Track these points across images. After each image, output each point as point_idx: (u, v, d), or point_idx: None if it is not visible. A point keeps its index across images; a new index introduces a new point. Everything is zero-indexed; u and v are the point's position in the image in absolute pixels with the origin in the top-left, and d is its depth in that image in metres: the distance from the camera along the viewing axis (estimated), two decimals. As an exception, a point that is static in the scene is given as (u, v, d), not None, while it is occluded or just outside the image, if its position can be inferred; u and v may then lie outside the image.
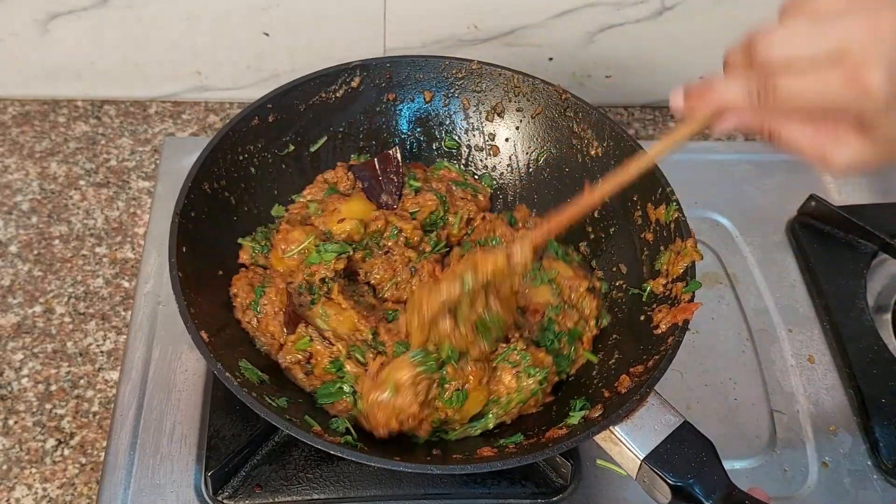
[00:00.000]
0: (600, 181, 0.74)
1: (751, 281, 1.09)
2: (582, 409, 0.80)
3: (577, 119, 0.98)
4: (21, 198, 1.14)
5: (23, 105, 1.26)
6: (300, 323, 0.86)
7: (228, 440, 0.85)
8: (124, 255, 1.09)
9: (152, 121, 1.26)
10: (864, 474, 0.93)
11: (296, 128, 0.98)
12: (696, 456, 0.72)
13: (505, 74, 1.01)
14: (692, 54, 1.27)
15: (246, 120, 0.93)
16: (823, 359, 1.02)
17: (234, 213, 0.93)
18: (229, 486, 0.85)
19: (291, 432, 0.71)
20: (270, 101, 0.95)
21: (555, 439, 0.76)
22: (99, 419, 0.93)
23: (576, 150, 0.99)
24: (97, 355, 0.99)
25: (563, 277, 0.93)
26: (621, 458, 0.74)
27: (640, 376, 0.78)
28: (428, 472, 0.75)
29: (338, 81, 0.99)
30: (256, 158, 0.95)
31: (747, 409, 0.97)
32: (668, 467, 0.71)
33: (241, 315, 0.87)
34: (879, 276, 1.12)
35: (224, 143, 0.91)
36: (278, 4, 1.16)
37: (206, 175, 0.89)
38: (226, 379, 0.73)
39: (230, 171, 0.92)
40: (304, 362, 0.85)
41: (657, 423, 0.73)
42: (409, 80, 1.01)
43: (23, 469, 0.89)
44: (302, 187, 1.00)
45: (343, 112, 1.01)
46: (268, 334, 0.87)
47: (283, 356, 0.85)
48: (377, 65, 1.00)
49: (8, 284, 1.05)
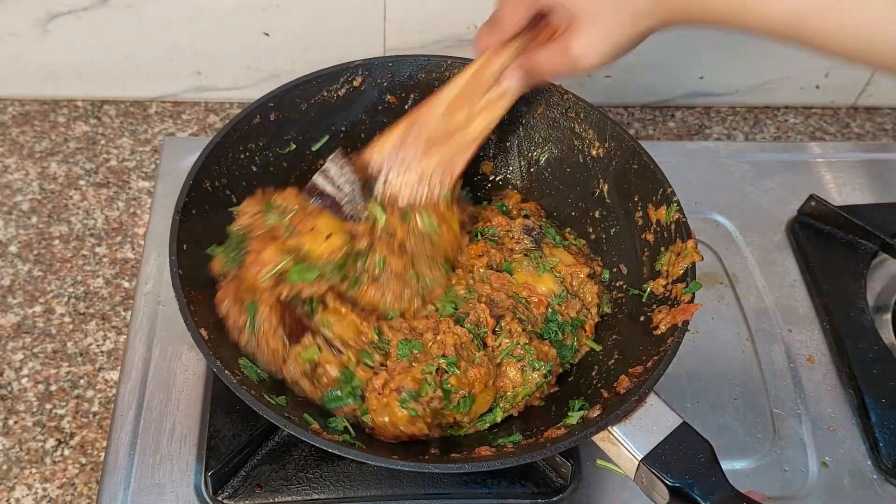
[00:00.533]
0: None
1: (751, 281, 1.09)
2: (581, 409, 0.80)
3: (578, 119, 0.98)
4: (21, 198, 1.14)
5: (23, 105, 1.26)
6: (305, 333, 0.83)
7: (228, 440, 0.85)
8: (124, 255, 1.09)
9: (152, 121, 1.26)
10: (864, 474, 0.93)
11: (298, 127, 0.98)
12: (694, 457, 0.72)
13: None
14: (692, 54, 1.27)
15: (248, 118, 0.93)
16: (823, 359, 1.02)
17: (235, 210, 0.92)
18: (229, 485, 0.85)
19: (290, 430, 0.71)
20: (272, 100, 0.94)
21: (553, 439, 0.76)
22: (99, 419, 0.93)
23: (577, 151, 0.99)
24: (97, 355, 0.99)
25: (564, 265, 0.93)
26: (619, 458, 0.74)
27: (639, 377, 0.78)
28: (426, 470, 0.75)
29: (340, 80, 0.99)
30: (258, 157, 0.95)
31: (747, 409, 0.97)
32: (667, 468, 0.71)
33: (238, 337, 0.83)
34: (879, 276, 1.12)
35: (226, 141, 0.91)
36: (278, 4, 1.16)
37: (206, 173, 0.88)
38: (224, 376, 0.73)
39: (231, 169, 0.92)
40: (309, 372, 0.83)
41: (656, 423, 0.73)
42: (410, 79, 1.01)
43: (23, 469, 0.89)
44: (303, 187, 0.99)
45: (345, 111, 1.01)
46: (269, 351, 0.83)
47: (288, 369, 0.82)
48: (379, 64, 1.00)
49: (8, 284, 1.05)
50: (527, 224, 0.97)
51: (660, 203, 0.89)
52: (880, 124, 1.36)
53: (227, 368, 0.74)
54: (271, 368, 0.83)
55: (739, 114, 1.36)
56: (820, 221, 1.13)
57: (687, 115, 1.35)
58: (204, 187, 0.88)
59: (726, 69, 1.30)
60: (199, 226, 0.86)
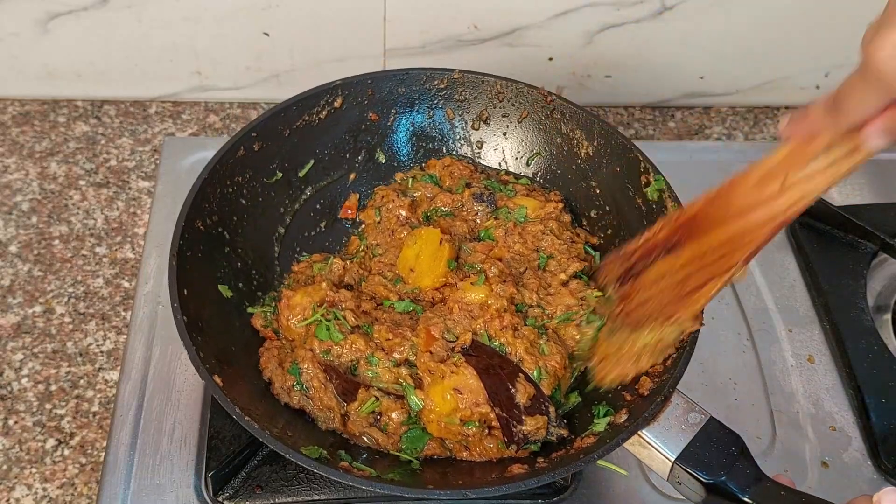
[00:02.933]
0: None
1: (751, 281, 1.09)
2: (606, 415, 0.78)
3: (564, 120, 0.98)
4: (21, 198, 1.14)
5: (23, 105, 1.26)
6: (358, 388, 0.82)
7: (229, 441, 0.85)
8: (124, 255, 1.09)
9: (152, 121, 1.26)
10: (864, 474, 0.93)
11: (282, 154, 0.96)
12: (726, 451, 0.71)
13: (487, 81, 1.00)
14: (692, 54, 1.27)
15: (232, 151, 0.91)
16: (823, 359, 1.02)
17: (228, 246, 0.91)
18: (230, 486, 0.85)
19: (323, 472, 0.70)
20: (254, 130, 0.93)
21: (585, 449, 0.74)
22: (99, 419, 0.93)
23: (566, 151, 0.99)
24: (97, 355, 0.99)
25: (532, 210, 0.95)
26: (651, 460, 0.73)
27: (661, 376, 0.77)
28: (464, 497, 0.72)
29: (320, 103, 0.97)
30: (245, 189, 0.93)
31: (747, 409, 0.97)
32: (701, 466, 0.70)
33: (288, 398, 0.82)
34: (879, 276, 1.12)
35: (213, 177, 0.89)
36: (278, 4, 1.16)
37: (197, 212, 0.86)
38: (252, 427, 0.71)
39: (221, 205, 0.90)
40: (374, 423, 0.82)
41: (683, 422, 0.73)
42: (391, 94, 1.00)
43: (23, 469, 0.89)
44: (293, 213, 0.98)
45: (328, 134, 0.99)
46: (325, 409, 0.82)
47: (352, 425, 0.81)
48: (358, 82, 0.98)
49: (8, 284, 1.05)
50: (475, 193, 0.97)
51: (646, 185, 0.89)
52: (880, 124, 1.36)
53: (249, 415, 0.72)
54: (334, 427, 0.81)
55: (739, 114, 1.36)
56: (820, 221, 1.13)
57: (687, 115, 1.35)
58: (196, 227, 0.86)
59: (726, 69, 1.30)
60: (198, 265, 0.85)
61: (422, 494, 0.70)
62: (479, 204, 0.96)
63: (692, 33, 1.23)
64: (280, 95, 1.28)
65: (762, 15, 1.22)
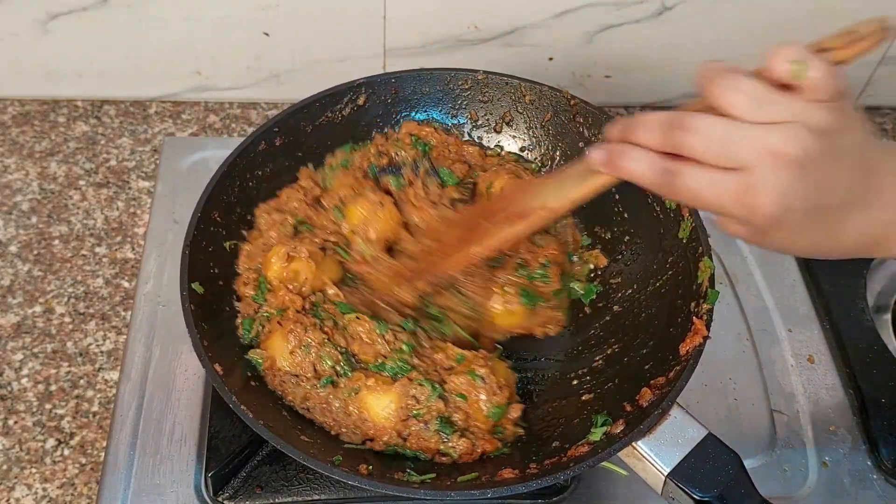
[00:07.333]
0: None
1: (751, 281, 1.09)
2: (604, 424, 0.77)
3: (586, 124, 0.97)
4: (21, 198, 1.14)
5: (23, 105, 1.26)
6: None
7: (229, 441, 0.85)
8: (124, 255, 1.09)
9: (152, 121, 1.26)
10: (864, 474, 0.93)
11: (303, 150, 0.96)
12: (722, 469, 0.70)
13: (511, 83, 0.99)
14: (692, 54, 1.27)
15: (254, 145, 0.91)
16: (823, 359, 1.02)
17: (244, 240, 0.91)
18: (230, 486, 0.85)
19: (336, 475, 0.71)
20: (277, 125, 0.93)
21: (577, 458, 0.74)
22: (99, 419, 0.93)
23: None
24: (97, 355, 0.99)
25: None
26: (645, 473, 0.72)
27: (662, 388, 0.76)
28: (448, 499, 0.72)
29: (343, 100, 0.97)
30: (265, 184, 0.94)
31: (747, 409, 0.97)
32: (694, 482, 0.69)
33: (283, 391, 0.82)
34: (879, 276, 1.12)
35: (232, 169, 0.89)
36: (278, 4, 1.16)
37: (215, 203, 0.86)
38: (246, 417, 0.72)
39: (241, 198, 0.91)
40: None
41: (681, 436, 0.71)
42: (414, 94, 1.00)
43: (23, 469, 0.89)
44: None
45: (349, 132, 0.99)
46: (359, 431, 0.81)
47: (384, 435, 0.80)
48: (382, 81, 0.98)
49: (8, 284, 1.05)
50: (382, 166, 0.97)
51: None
52: (880, 124, 1.36)
53: (255, 414, 0.73)
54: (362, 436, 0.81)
55: (739, 114, 1.36)
56: (820, 221, 1.13)
57: (687, 115, 1.35)
58: (213, 219, 0.86)
59: (726, 69, 1.30)
60: (210, 258, 0.85)
61: (413, 494, 0.71)
62: (434, 178, 0.96)
63: (692, 33, 1.23)
64: (280, 95, 1.29)
65: (762, 15, 1.21)
